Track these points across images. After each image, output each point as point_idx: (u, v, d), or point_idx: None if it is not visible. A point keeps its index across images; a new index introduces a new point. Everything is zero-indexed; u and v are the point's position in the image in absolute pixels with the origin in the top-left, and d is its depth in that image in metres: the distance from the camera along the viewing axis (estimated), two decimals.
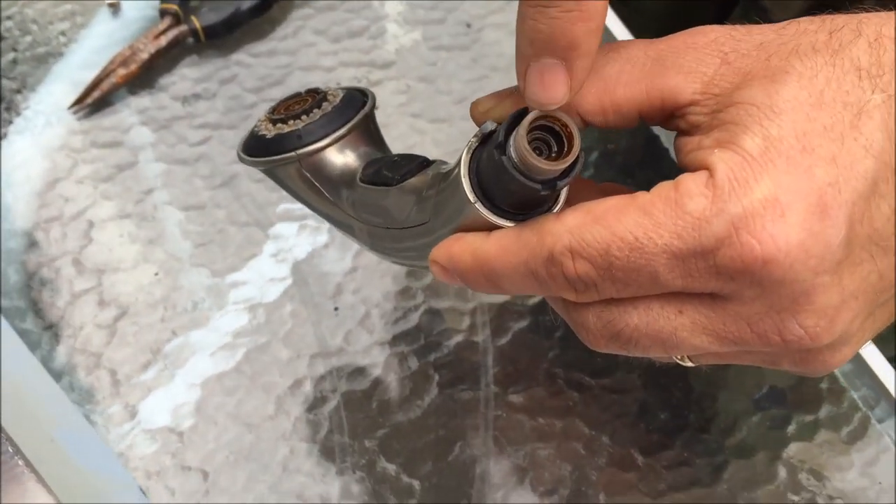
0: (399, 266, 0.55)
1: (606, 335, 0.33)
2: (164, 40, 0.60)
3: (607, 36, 0.61)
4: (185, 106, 0.60)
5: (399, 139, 0.59)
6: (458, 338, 0.53)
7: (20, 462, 0.40)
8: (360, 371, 0.52)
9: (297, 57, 0.62)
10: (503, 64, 0.62)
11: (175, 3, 0.61)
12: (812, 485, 0.50)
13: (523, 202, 0.32)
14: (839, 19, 0.32)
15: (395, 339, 0.53)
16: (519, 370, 0.52)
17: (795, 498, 0.49)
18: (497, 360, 0.53)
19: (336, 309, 0.54)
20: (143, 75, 0.60)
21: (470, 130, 0.62)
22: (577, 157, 0.30)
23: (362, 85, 0.61)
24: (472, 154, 0.33)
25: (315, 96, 0.40)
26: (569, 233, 0.31)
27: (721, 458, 0.50)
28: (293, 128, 0.39)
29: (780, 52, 0.31)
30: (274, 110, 0.41)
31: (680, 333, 0.32)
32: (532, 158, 0.29)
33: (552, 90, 0.31)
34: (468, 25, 0.64)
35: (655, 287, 0.31)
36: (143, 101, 0.60)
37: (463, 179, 0.32)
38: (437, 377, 0.52)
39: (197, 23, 0.61)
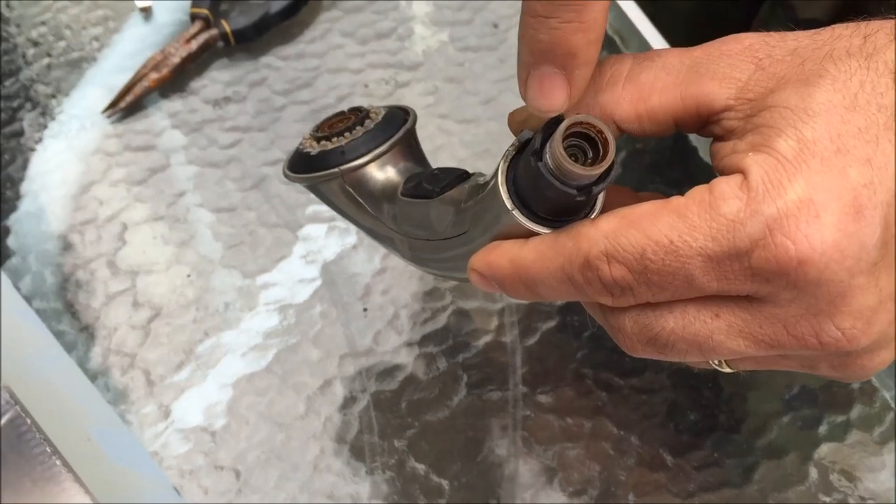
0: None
1: (643, 340, 0.33)
2: (194, 44, 0.61)
3: (636, 34, 0.61)
4: (215, 109, 0.61)
5: (427, 140, 0.60)
6: (487, 338, 0.53)
7: (57, 462, 0.41)
8: (389, 371, 0.53)
9: (326, 59, 0.63)
10: None
11: (205, 8, 0.62)
12: (843, 486, 0.49)
13: (560, 208, 0.32)
14: (873, 24, 0.31)
15: (424, 340, 0.53)
16: (547, 370, 0.52)
17: (827, 499, 0.49)
18: (525, 360, 0.53)
19: (365, 310, 0.54)
20: (174, 79, 0.61)
21: (497, 131, 0.62)
22: (613, 162, 0.31)
23: (390, 87, 0.62)
24: (510, 163, 0.33)
25: (358, 114, 0.41)
26: (604, 237, 0.31)
27: (751, 459, 0.50)
28: (336, 144, 0.40)
29: (814, 56, 0.31)
30: (318, 128, 0.42)
31: (716, 337, 0.32)
32: (568, 164, 0.30)
33: (551, 97, 0.31)
34: (495, 26, 0.64)
35: (691, 290, 0.31)
36: (174, 104, 0.61)
37: (501, 187, 0.33)
38: (465, 377, 0.52)
39: (227, 27, 0.61)
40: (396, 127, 0.41)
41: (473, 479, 0.50)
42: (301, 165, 0.42)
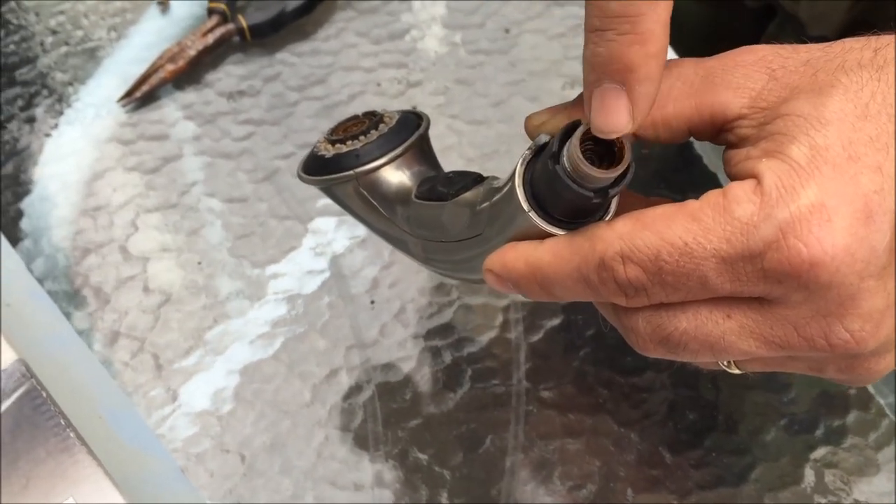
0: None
1: (656, 339, 0.34)
2: (211, 38, 0.62)
3: None
4: (229, 102, 0.62)
5: (436, 140, 0.60)
6: (492, 334, 0.54)
7: (71, 434, 0.41)
8: (394, 363, 0.53)
9: (339, 57, 0.64)
10: (540, 68, 0.63)
11: (223, 3, 0.63)
12: (838, 488, 0.50)
13: (576, 210, 0.33)
14: (883, 38, 0.32)
15: (430, 334, 0.54)
16: (550, 367, 0.53)
17: (822, 500, 0.50)
18: (529, 356, 0.54)
19: (372, 302, 0.55)
20: (189, 71, 0.62)
21: (506, 133, 0.63)
22: (629, 166, 0.31)
23: (402, 86, 0.63)
24: (527, 165, 0.34)
25: (372, 118, 0.42)
26: (620, 239, 0.32)
27: (748, 459, 0.51)
28: (351, 148, 0.41)
29: (827, 67, 0.32)
30: (332, 131, 0.43)
31: (728, 337, 0.32)
32: (584, 167, 0.31)
33: (614, 116, 0.31)
34: (507, 31, 0.65)
35: (704, 291, 0.31)
36: (189, 96, 0.62)
37: (518, 189, 0.33)
38: (469, 371, 0.53)
39: (243, 22, 0.62)
40: (410, 131, 0.42)
41: (475, 471, 0.50)
42: (316, 168, 0.42)
